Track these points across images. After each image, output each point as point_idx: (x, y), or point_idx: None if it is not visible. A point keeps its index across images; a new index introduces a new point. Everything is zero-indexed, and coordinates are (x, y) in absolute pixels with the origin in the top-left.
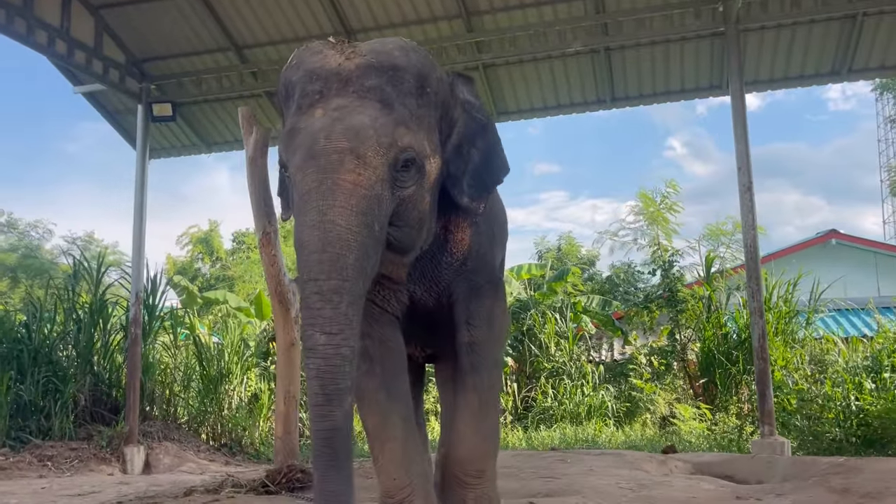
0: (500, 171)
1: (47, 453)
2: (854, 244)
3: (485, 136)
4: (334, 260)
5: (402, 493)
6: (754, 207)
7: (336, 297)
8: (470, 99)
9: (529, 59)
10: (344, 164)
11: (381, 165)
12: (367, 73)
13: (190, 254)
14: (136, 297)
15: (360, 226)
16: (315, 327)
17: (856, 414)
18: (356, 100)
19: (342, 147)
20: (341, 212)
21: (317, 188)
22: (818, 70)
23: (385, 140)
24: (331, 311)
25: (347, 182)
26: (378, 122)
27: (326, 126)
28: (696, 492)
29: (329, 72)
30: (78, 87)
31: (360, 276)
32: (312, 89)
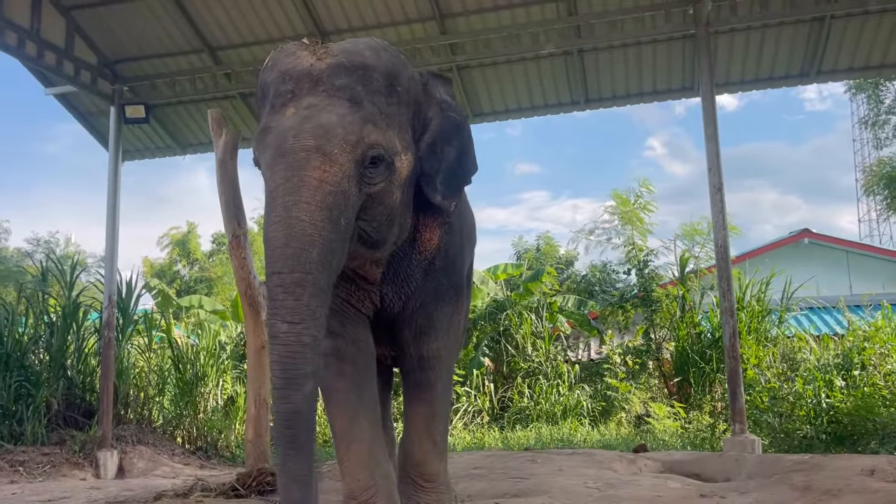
0: (471, 170)
1: (19, 458)
2: (826, 243)
3: (459, 135)
4: (297, 254)
5: (365, 494)
6: (724, 208)
7: (298, 290)
8: (446, 98)
9: (503, 60)
10: (310, 162)
11: (347, 162)
12: (337, 73)
13: (169, 256)
14: (110, 300)
15: (325, 221)
16: (278, 317)
17: (826, 411)
18: (326, 98)
19: (309, 145)
20: (306, 207)
21: (283, 184)
22: (788, 71)
23: (352, 137)
24: (293, 301)
25: (313, 179)
26: (346, 119)
27: (296, 125)
28: (663, 490)
29: (301, 72)
30: (49, 88)
31: (323, 269)
32: (285, 89)
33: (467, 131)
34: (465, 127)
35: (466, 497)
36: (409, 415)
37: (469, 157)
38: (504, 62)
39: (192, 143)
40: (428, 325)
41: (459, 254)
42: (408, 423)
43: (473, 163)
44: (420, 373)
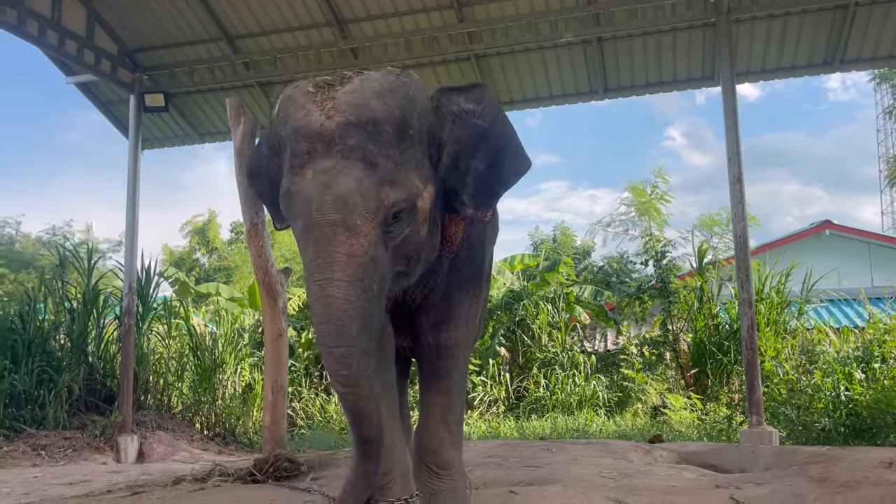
0: (512, 173)
1: (41, 442)
2: (848, 235)
3: (486, 141)
4: (338, 331)
5: (382, 479)
6: (744, 199)
7: (347, 360)
8: (467, 107)
9: (521, 49)
10: (337, 237)
11: (371, 231)
12: (347, 132)
13: (189, 244)
14: (130, 287)
15: (358, 293)
16: (337, 380)
17: (845, 404)
18: (341, 160)
19: (333, 220)
20: (339, 285)
21: (315, 261)
22: (810, 60)
23: (372, 205)
24: (345, 371)
25: (341, 254)
26: (363, 185)
27: (317, 195)
28: (678, 480)
29: (313, 132)
30: (70, 77)
31: (363, 334)
32: (300, 150)
33: (497, 135)
34: (494, 130)
35: (481, 485)
36: (425, 403)
37: (505, 161)
38: (522, 51)
39: (211, 131)
40: (447, 315)
41: (481, 244)
42: (423, 412)
43: (516, 163)
44: (437, 361)
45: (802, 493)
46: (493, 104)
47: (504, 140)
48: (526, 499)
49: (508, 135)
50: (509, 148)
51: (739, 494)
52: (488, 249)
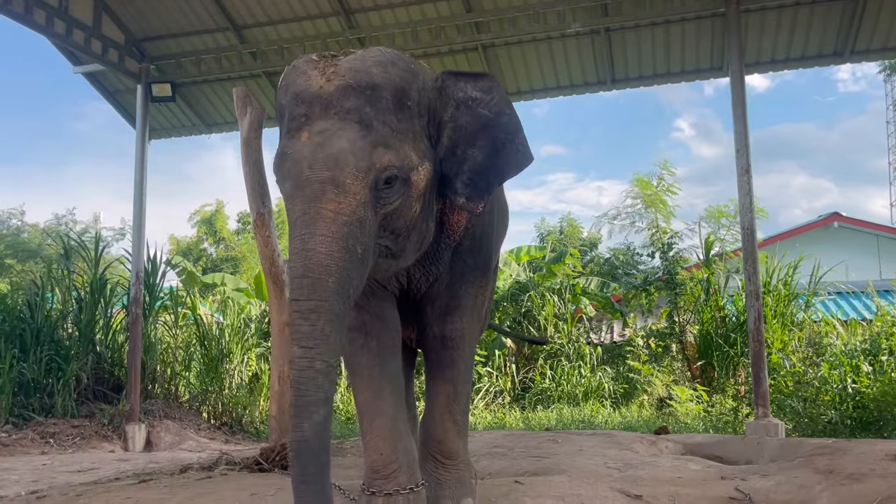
0: (510, 167)
1: (50, 430)
2: (856, 227)
3: (488, 132)
4: (313, 284)
5: (388, 468)
6: (752, 190)
7: (314, 316)
8: (473, 95)
9: (529, 39)
10: (325, 194)
11: (361, 190)
12: (345, 95)
13: (197, 234)
14: (137, 277)
15: (341, 251)
16: (294, 341)
17: (852, 396)
18: (337, 122)
19: (323, 177)
20: (322, 240)
21: (301, 217)
22: (820, 51)
23: (363, 164)
24: (308, 327)
25: (328, 211)
26: (356, 145)
27: (309, 154)
28: (683, 472)
29: (312, 95)
30: (77, 67)
31: (339, 297)
32: (298, 112)
33: (502, 127)
34: (498, 122)
35: (487, 475)
36: (431, 393)
37: (505, 154)
38: (530, 41)
39: (218, 121)
40: (452, 305)
41: (486, 235)
42: (429, 402)
43: (516, 157)
44: (442, 351)
45: (808, 485)
46: (501, 96)
47: (507, 134)
48: (531, 489)
49: (512, 129)
50: (512, 142)
51: (745, 486)
52: (495, 241)
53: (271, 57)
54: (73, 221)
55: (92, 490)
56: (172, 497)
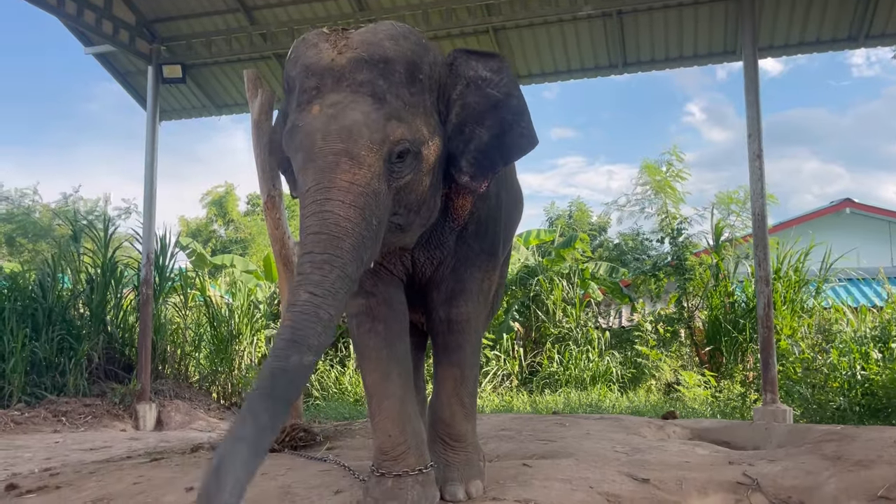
0: (516, 149)
1: (62, 409)
2: (868, 213)
3: (496, 112)
4: (329, 239)
5: (396, 449)
6: (763, 176)
7: (327, 267)
8: (483, 74)
9: (540, 22)
10: (340, 165)
11: (375, 162)
12: (358, 68)
13: (207, 215)
14: (148, 258)
15: (357, 218)
16: (301, 287)
17: (861, 383)
18: (349, 95)
19: (337, 148)
20: (337, 204)
21: (315, 187)
22: (835, 35)
23: (377, 136)
24: (319, 276)
25: (343, 181)
26: (370, 118)
27: (322, 126)
28: (690, 456)
29: (323, 67)
30: (89, 48)
31: (352, 260)
32: (309, 85)
33: (509, 108)
34: (507, 103)
35: (495, 457)
36: (438, 377)
37: (511, 136)
38: (541, 23)
39: (228, 103)
40: (458, 289)
41: (493, 220)
42: (437, 385)
43: (522, 139)
44: (449, 335)
45: (816, 471)
46: (510, 77)
47: (514, 115)
48: (539, 471)
49: (519, 111)
50: (518, 124)
51: (752, 471)
52: (504, 226)
53: (281, 39)
54: (80, 200)
55: (104, 468)
56: (184, 476)
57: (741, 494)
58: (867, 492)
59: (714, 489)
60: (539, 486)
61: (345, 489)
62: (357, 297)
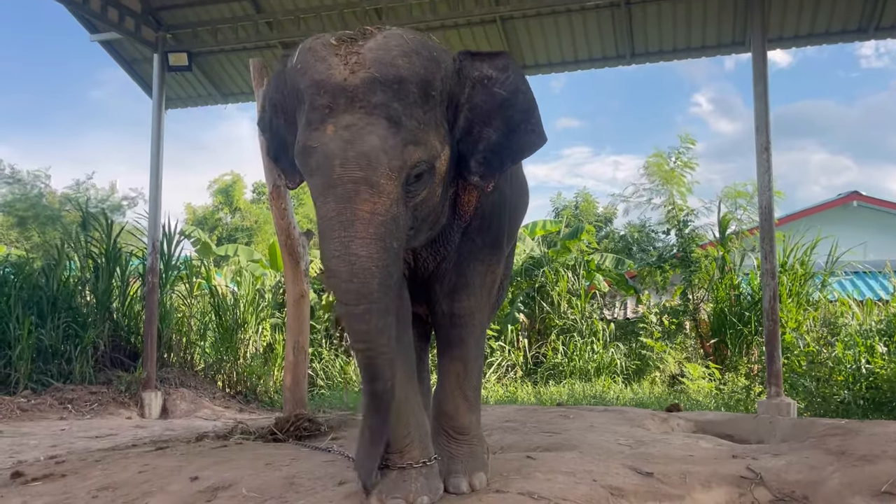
0: (524, 147)
1: (68, 396)
2: (876, 206)
3: (503, 111)
4: (360, 289)
5: (400, 443)
6: (771, 168)
7: (367, 316)
8: (488, 73)
9: (548, 12)
10: (360, 195)
11: (394, 189)
12: (372, 89)
13: (213, 203)
14: (153, 246)
15: (381, 251)
16: (353, 339)
17: (866, 377)
18: (364, 117)
19: (357, 176)
20: (362, 243)
21: (336, 218)
22: (845, 27)
23: (396, 164)
24: (363, 326)
25: (364, 212)
26: (387, 143)
27: (339, 151)
28: (694, 450)
29: (335, 86)
30: (94, 35)
31: (384, 294)
32: (321, 104)
33: (518, 106)
34: (513, 102)
35: (499, 449)
36: (442, 370)
37: (519, 134)
38: (549, 13)
39: (234, 91)
40: (460, 283)
41: (497, 213)
42: (440, 378)
43: (530, 137)
44: (451, 329)
45: (819, 466)
46: (516, 74)
47: (522, 113)
48: (543, 464)
49: (528, 108)
50: (526, 122)
51: (756, 465)
52: (508, 219)
53: (288, 27)
54: (93, 188)
55: (110, 456)
56: (189, 465)
57: (745, 488)
58: (871, 487)
59: (717, 483)
60: (542, 479)
61: (349, 480)
62: None
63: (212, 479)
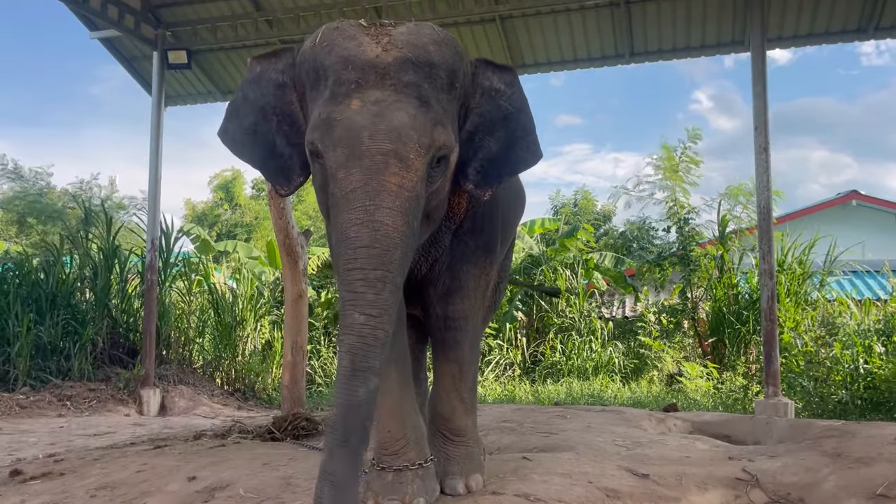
0: (521, 163)
1: (66, 393)
2: (875, 205)
3: (507, 125)
4: (381, 255)
5: (396, 444)
6: (770, 168)
7: (380, 285)
8: (499, 87)
9: (547, 11)
10: (388, 167)
11: (421, 167)
12: (404, 68)
13: (213, 199)
14: (153, 244)
15: (404, 226)
16: (356, 308)
17: (863, 377)
18: (394, 94)
19: (386, 149)
20: (388, 212)
21: (362, 188)
22: (845, 27)
23: (425, 141)
24: (373, 295)
25: (392, 184)
26: (417, 121)
27: (368, 123)
28: (690, 451)
29: (366, 62)
30: (94, 32)
31: (400, 271)
32: (348, 78)
33: (520, 122)
34: (517, 117)
35: (495, 450)
36: (437, 373)
37: (518, 149)
38: (548, 12)
39: (233, 89)
40: (454, 286)
41: (489, 217)
42: (436, 381)
43: (527, 154)
44: (446, 332)
45: (815, 468)
46: (521, 92)
47: (523, 131)
48: (539, 465)
49: (528, 126)
50: (525, 139)
51: (752, 467)
52: (502, 222)
53: (287, 25)
54: (97, 186)
55: (108, 455)
56: (186, 464)
57: (740, 490)
58: (867, 489)
59: (713, 485)
60: (539, 481)
61: None
62: None
63: (209, 479)
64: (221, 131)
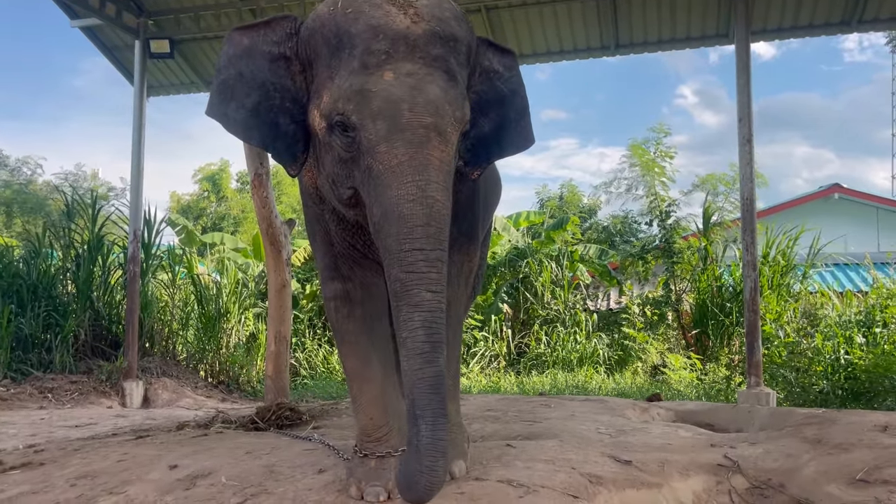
0: (513, 146)
1: (48, 385)
2: (857, 199)
3: (501, 108)
4: (437, 233)
5: (379, 431)
6: (753, 160)
7: (440, 264)
8: (496, 68)
9: (533, 2)
10: (431, 141)
11: (455, 141)
12: (433, 41)
13: (199, 191)
14: (135, 235)
15: (449, 201)
16: (422, 286)
17: (844, 367)
18: (424, 67)
19: (427, 122)
20: (437, 188)
21: (409, 162)
22: (828, 20)
23: (458, 114)
24: (436, 274)
25: (436, 159)
26: (450, 95)
27: (407, 96)
28: (673, 438)
29: (396, 33)
30: (75, 20)
31: (448, 244)
32: (378, 48)
33: (515, 106)
34: (512, 100)
35: (479, 438)
36: None
37: (511, 131)
38: (534, 4)
39: None
40: None
41: (471, 202)
42: None
43: (519, 137)
44: None
45: (796, 454)
46: (518, 76)
47: (516, 113)
48: (522, 452)
49: (522, 110)
50: (519, 122)
51: (733, 453)
52: (480, 208)
53: (271, 15)
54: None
55: (89, 445)
56: (168, 454)
57: (722, 476)
58: (846, 475)
59: (695, 471)
60: (522, 467)
61: (328, 468)
62: (334, 281)
63: (191, 468)
64: (219, 114)
